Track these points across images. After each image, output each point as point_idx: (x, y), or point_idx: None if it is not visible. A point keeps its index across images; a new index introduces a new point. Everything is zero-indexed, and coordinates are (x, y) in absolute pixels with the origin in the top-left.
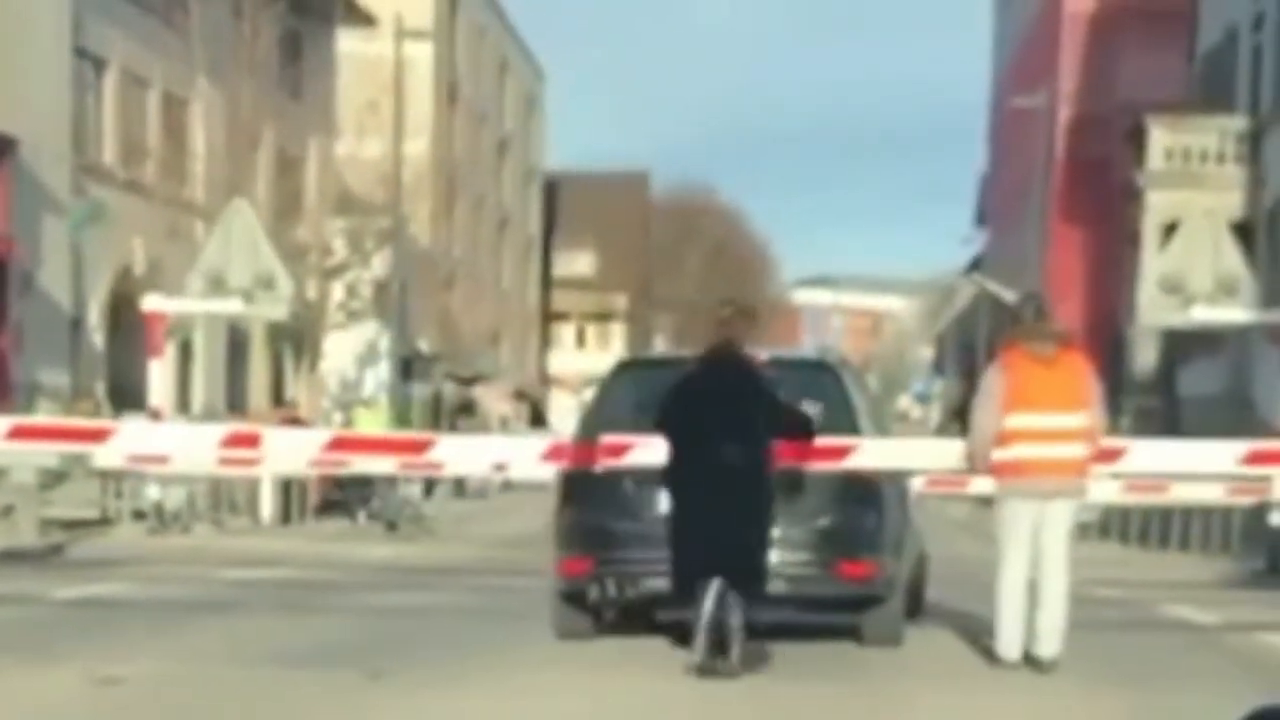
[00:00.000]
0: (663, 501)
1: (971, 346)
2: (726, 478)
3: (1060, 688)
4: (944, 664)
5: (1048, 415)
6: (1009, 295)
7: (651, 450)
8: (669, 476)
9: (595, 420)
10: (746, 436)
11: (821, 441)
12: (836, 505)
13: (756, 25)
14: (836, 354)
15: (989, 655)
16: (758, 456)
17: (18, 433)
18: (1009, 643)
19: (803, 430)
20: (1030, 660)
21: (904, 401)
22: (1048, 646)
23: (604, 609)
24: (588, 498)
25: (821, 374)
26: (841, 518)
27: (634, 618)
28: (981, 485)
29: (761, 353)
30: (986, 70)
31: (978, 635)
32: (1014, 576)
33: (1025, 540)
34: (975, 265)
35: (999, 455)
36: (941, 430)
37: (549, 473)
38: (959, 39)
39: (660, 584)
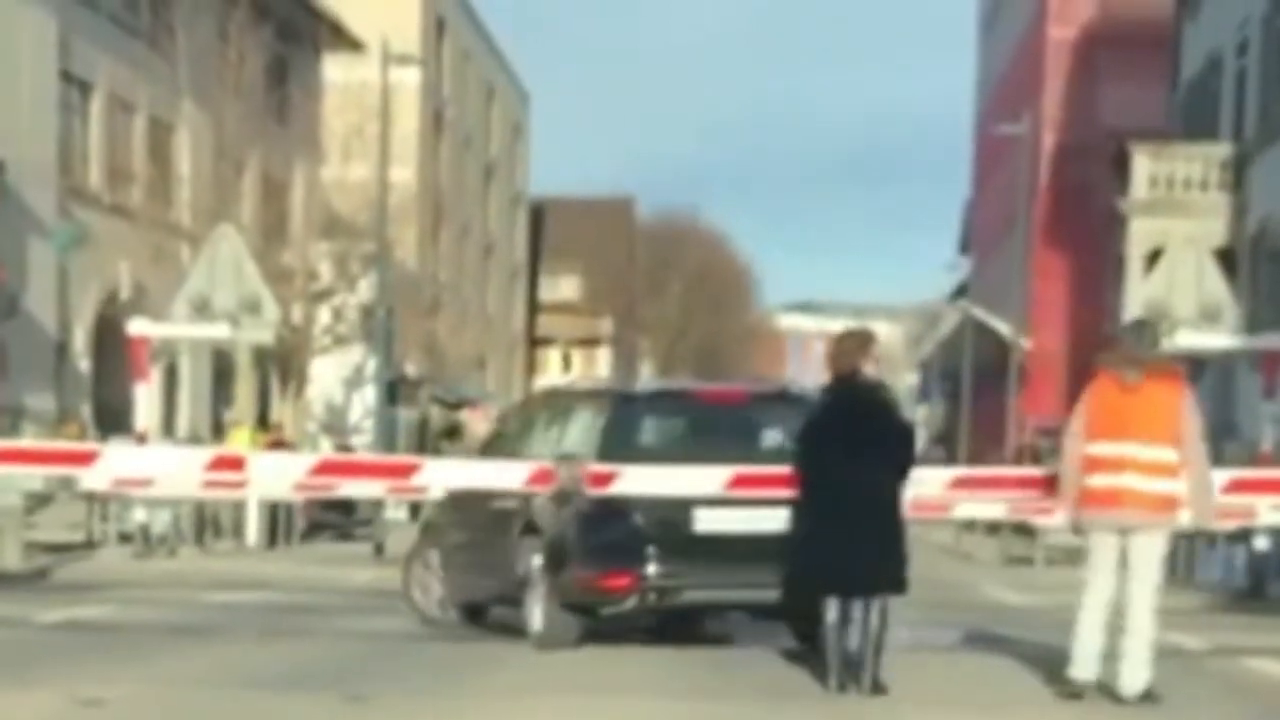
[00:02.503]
0: (699, 520)
1: (956, 372)
2: (865, 501)
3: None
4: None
5: (1125, 444)
6: (995, 321)
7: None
8: (806, 503)
9: (614, 446)
10: (881, 460)
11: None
12: None
13: (742, 52)
14: (799, 385)
15: (1047, 678)
16: (892, 478)
17: (2, 456)
18: (1083, 663)
19: (910, 461)
20: (1114, 693)
21: None
22: (1135, 679)
23: (639, 618)
24: (624, 518)
25: (793, 405)
26: None
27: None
28: (965, 509)
29: (728, 385)
30: (970, 97)
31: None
32: (1095, 603)
33: (1109, 569)
34: (960, 292)
35: (1084, 484)
36: (925, 456)
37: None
38: (943, 65)
39: (698, 596)
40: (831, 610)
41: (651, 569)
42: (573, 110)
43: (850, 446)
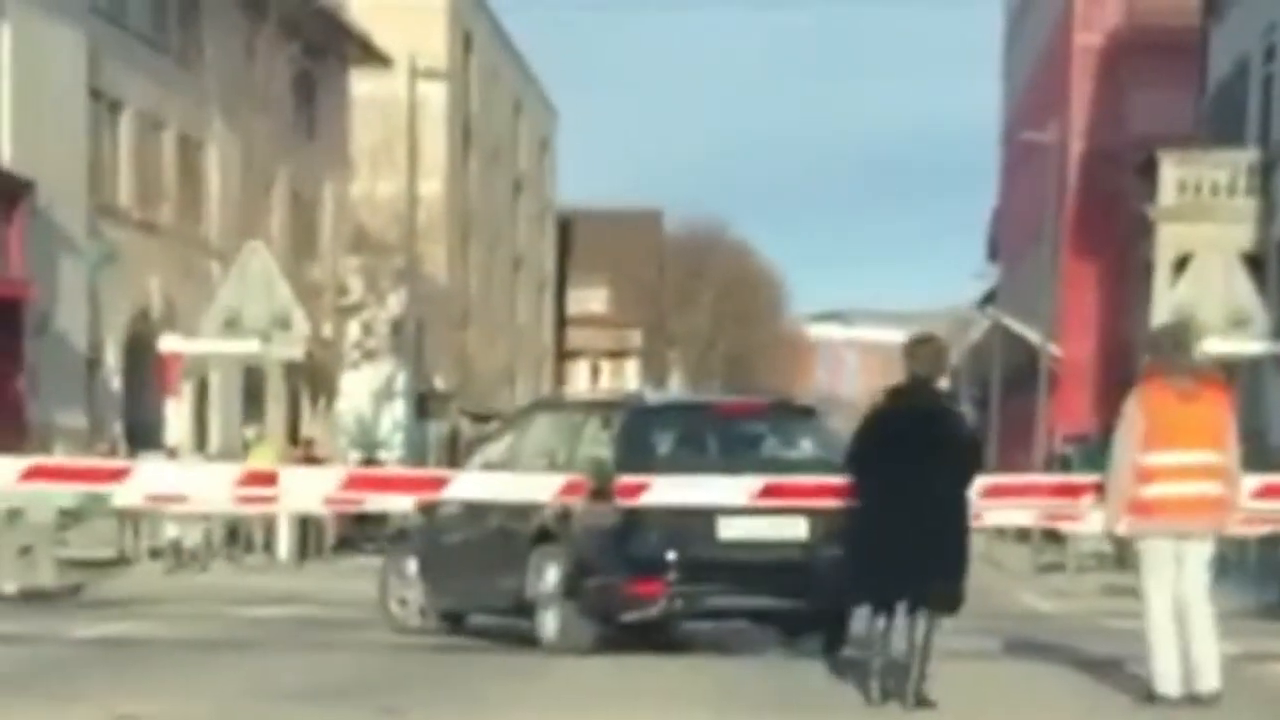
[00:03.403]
0: (724, 528)
1: (985, 380)
2: (927, 509)
3: None
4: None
5: (1188, 452)
6: (1023, 328)
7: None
8: (865, 510)
9: (631, 456)
10: (945, 467)
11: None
12: None
13: (768, 62)
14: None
15: (1134, 690)
16: (956, 485)
17: (35, 473)
18: (1167, 680)
19: (975, 472)
20: (1192, 696)
21: None
22: (1207, 681)
23: (669, 622)
24: (650, 526)
25: (800, 416)
26: None
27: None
28: (997, 517)
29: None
30: (997, 105)
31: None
32: (1161, 613)
33: (1168, 577)
34: (988, 299)
35: (1138, 493)
36: None
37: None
38: (969, 74)
39: (722, 603)
40: (880, 620)
41: (677, 576)
42: (600, 123)
43: (917, 453)
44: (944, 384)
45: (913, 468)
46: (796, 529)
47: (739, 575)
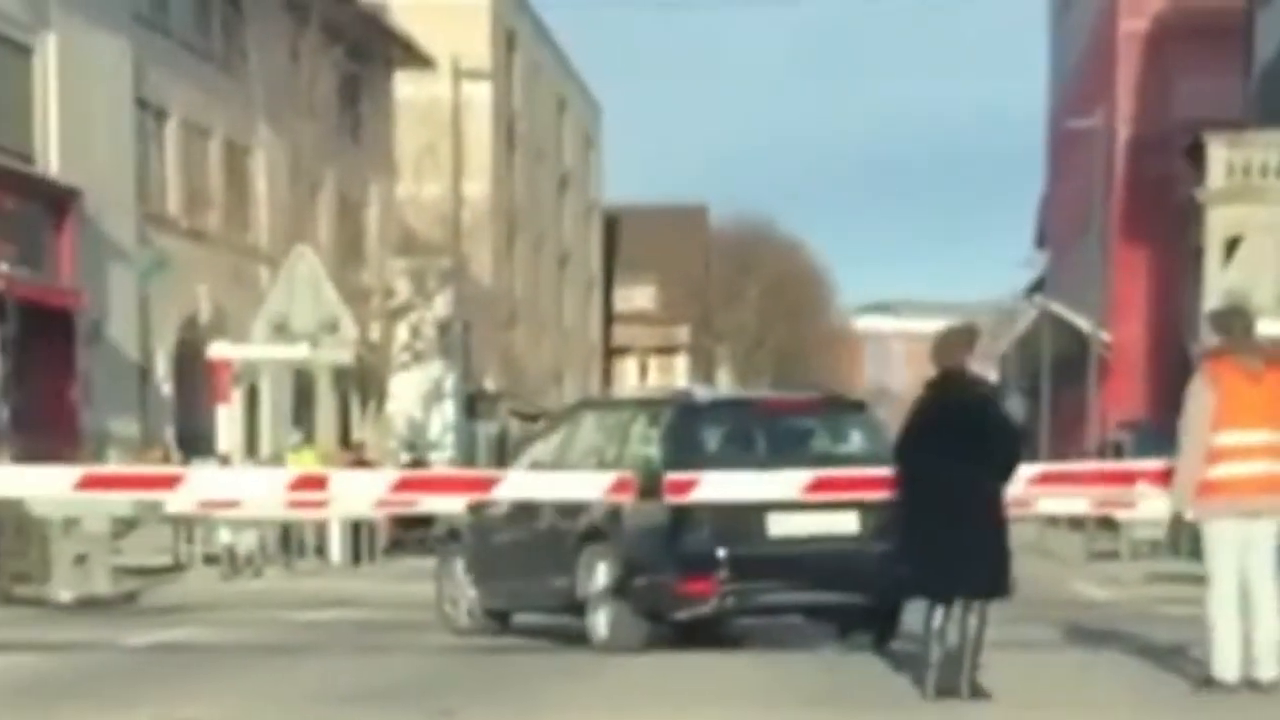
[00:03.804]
0: (774, 524)
1: (1034, 369)
2: (967, 499)
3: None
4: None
5: (1255, 432)
6: (1073, 316)
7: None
8: (910, 503)
9: (680, 453)
10: (983, 458)
11: (887, 471)
12: None
13: (813, 55)
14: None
15: (1193, 677)
16: (995, 476)
17: (89, 482)
18: (1226, 664)
19: (1014, 460)
20: (1251, 683)
21: None
22: (1268, 668)
23: (721, 620)
24: (701, 524)
25: (847, 411)
26: None
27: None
28: (1049, 505)
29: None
30: (1043, 92)
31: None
32: (1226, 597)
33: (1234, 560)
34: (1037, 287)
35: (1204, 474)
36: None
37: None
38: (1014, 62)
39: (773, 599)
40: (937, 613)
41: (728, 573)
42: (645, 119)
43: (952, 444)
44: (990, 374)
45: (950, 459)
46: (847, 523)
47: (790, 571)
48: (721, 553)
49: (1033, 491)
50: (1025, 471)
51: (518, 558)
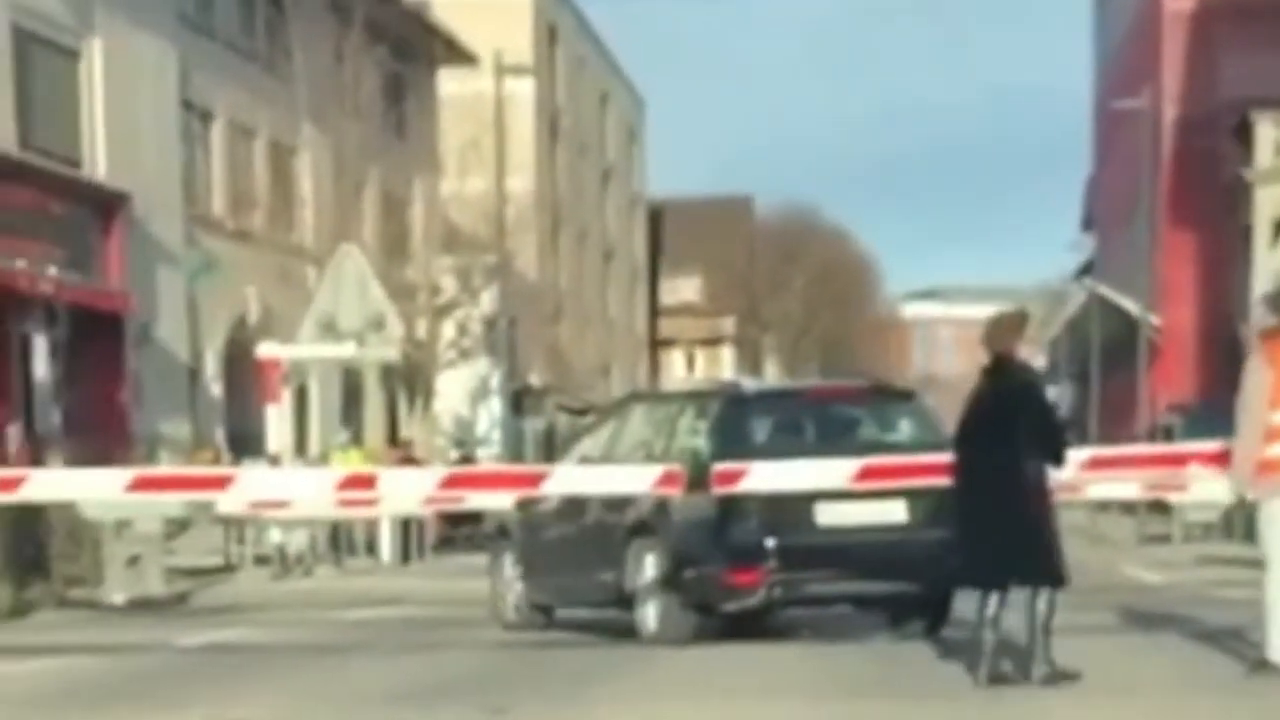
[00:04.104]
0: (822, 514)
1: (1084, 352)
2: (1013, 486)
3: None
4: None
5: None
6: (1122, 299)
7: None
8: (964, 491)
9: (728, 445)
10: (1030, 446)
11: (935, 458)
12: None
13: (855, 42)
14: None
15: (1248, 660)
16: (1041, 464)
17: (141, 483)
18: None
19: (1059, 444)
20: None
21: None
22: None
23: (769, 611)
24: (748, 514)
25: (896, 399)
26: None
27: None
28: (1101, 490)
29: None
30: (1088, 74)
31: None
32: None
33: None
34: (1085, 270)
35: (1263, 453)
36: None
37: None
38: (1059, 43)
39: (821, 589)
40: (990, 603)
41: (777, 563)
42: (688, 111)
43: (1000, 431)
44: (1037, 360)
45: (998, 446)
46: (896, 512)
47: (839, 561)
48: (770, 543)
49: (1084, 476)
50: (1076, 456)
51: (566, 553)
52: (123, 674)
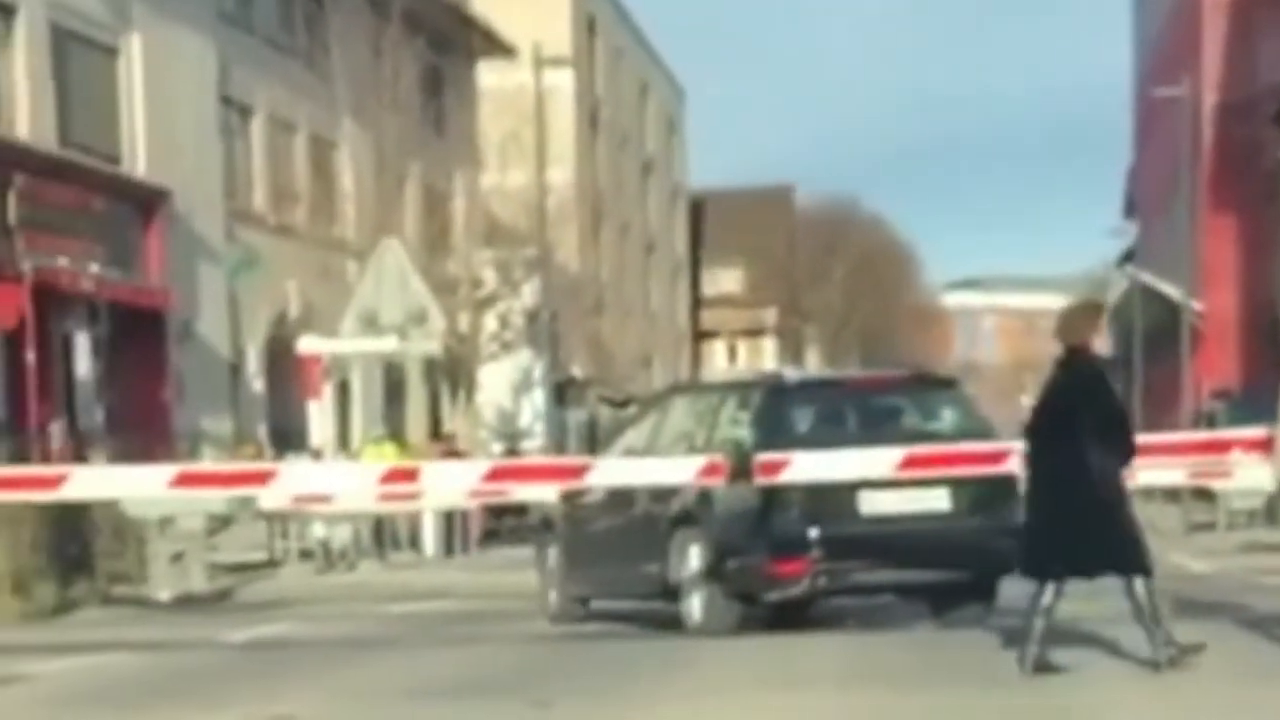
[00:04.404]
0: (865, 503)
1: (1126, 339)
2: (1076, 477)
3: None
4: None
5: None
6: (1164, 285)
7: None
8: (1033, 483)
9: (771, 435)
10: (1102, 440)
11: (978, 447)
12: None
13: (894, 31)
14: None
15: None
16: (1115, 457)
17: (184, 479)
18: None
19: (1125, 438)
20: None
21: None
22: None
23: (811, 601)
24: (792, 504)
25: (937, 388)
26: None
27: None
28: (1145, 477)
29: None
30: (1128, 61)
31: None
32: None
33: None
34: (1127, 257)
35: None
36: None
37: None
38: (1098, 31)
39: (866, 578)
40: (1047, 592)
41: (820, 553)
42: (728, 101)
43: (1067, 425)
44: (1101, 349)
45: (1063, 438)
46: (939, 500)
47: (883, 550)
48: (813, 533)
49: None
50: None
51: (610, 544)
52: (167, 670)
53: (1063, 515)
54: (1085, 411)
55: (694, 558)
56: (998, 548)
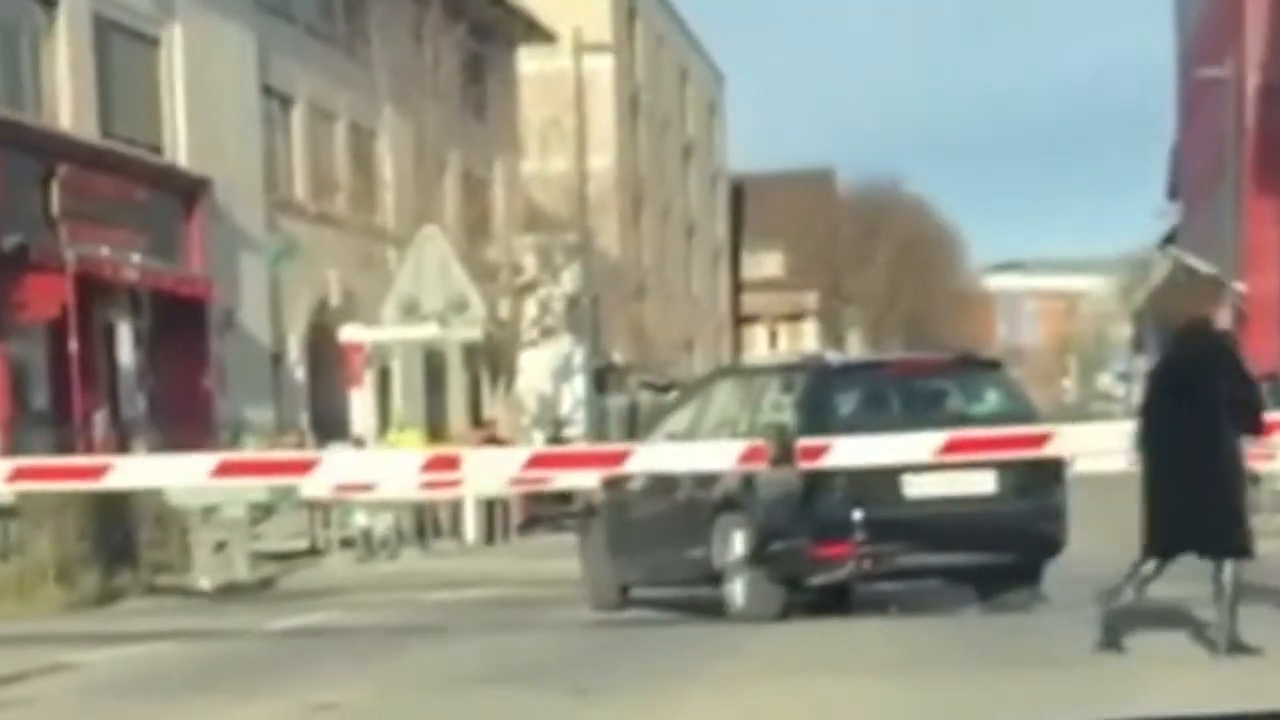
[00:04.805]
0: (909, 486)
1: (1170, 322)
2: (1202, 453)
3: None
4: None
5: None
6: (1207, 267)
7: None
8: (1148, 461)
9: (814, 419)
10: (1215, 409)
11: (1021, 430)
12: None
13: (934, 13)
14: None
15: None
16: (1233, 433)
17: (227, 469)
18: None
19: (1254, 411)
20: None
21: (1105, 381)
22: None
23: (857, 584)
24: (835, 488)
25: (981, 370)
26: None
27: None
28: None
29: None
30: (1171, 42)
31: None
32: None
33: None
34: (1170, 239)
35: None
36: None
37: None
38: (1141, 12)
39: (909, 562)
40: (1146, 568)
41: (864, 536)
42: (768, 84)
43: (1193, 399)
44: (1222, 324)
45: (1188, 413)
46: (984, 483)
47: (927, 533)
48: (857, 516)
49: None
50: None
51: (653, 530)
52: (210, 659)
53: (1183, 493)
54: (1218, 383)
55: (737, 542)
56: (1043, 530)
